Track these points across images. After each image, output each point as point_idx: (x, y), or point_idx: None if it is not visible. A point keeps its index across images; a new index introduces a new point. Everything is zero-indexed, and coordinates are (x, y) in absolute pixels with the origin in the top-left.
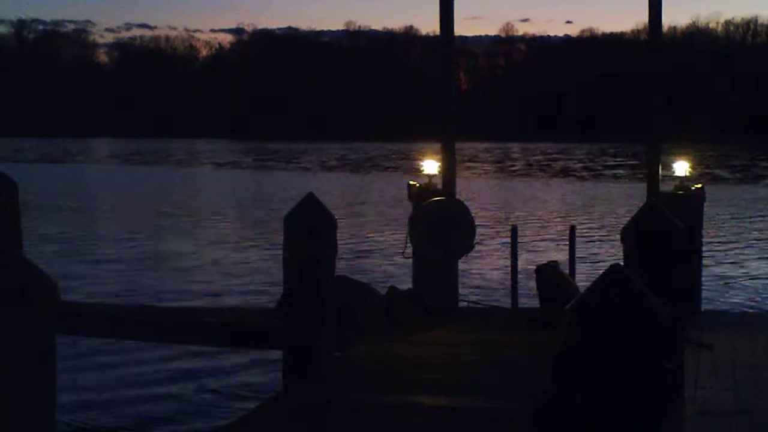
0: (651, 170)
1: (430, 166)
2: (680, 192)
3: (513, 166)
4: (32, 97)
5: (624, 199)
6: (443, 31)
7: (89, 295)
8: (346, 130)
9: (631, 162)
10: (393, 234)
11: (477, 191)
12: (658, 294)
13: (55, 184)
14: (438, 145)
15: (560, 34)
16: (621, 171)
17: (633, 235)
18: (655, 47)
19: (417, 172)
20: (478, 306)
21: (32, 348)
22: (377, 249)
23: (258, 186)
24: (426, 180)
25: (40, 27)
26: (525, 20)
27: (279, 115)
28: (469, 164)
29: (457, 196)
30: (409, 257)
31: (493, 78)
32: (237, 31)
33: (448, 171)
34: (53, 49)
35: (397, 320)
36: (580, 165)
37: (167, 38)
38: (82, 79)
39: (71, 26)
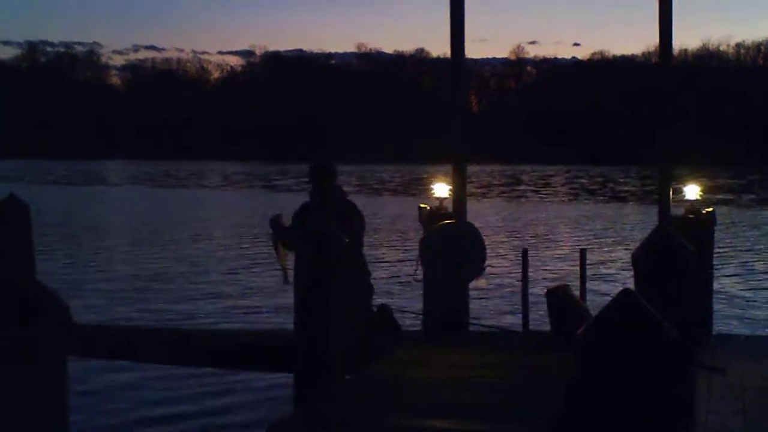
0: (662, 193)
1: (441, 189)
2: (691, 215)
3: (522, 187)
4: (44, 118)
5: (634, 221)
6: (454, 53)
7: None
8: (356, 152)
9: (642, 184)
10: (403, 256)
11: (487, 213)
12: (669, 317)
13: (71, 205)
14: (448, 167)
15: (568, 56)
16: (631, 193)
17: (644, 258)
18: (665, 70)
19: (428, 194)
20: (490, 329)
21: (45, 371)
22: (387, 270)
23: (270, 207)
24: (437, 203)
25: (49, 48)
26: (533, 42)
27: (288, 137)
28: (479, 186)
29: (468, 219)
30: (419, 280)
31: (502, 100)
32: (245, 53)
33: (459, 194)
34: (65, 70)
35: (378, 348)
36: (591, 186)
37: (179, 60)
38: (94, 101)
39: (79, 48)
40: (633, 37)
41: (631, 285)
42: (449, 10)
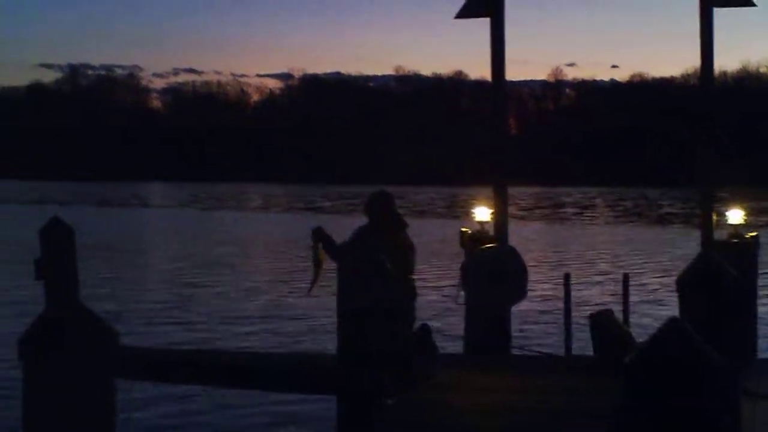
0: (705, 218)
1: (482, 212)
2: (734, 240)
3: (564, 210)
4: (85, 141)
5: (677, 244)
6: (495, 75)
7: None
8: (394, 174)
9: (683, 206)
10: (445, 279)
11: (529, 236)
12: (714, 344)
13: (120, 227)
14: (488, 190)
15: (606, 78)
16: (674, 215)
17: (689, 284)
18: (707, 92)
19: (468, 217)
20: (531, 353)
21: (93, 394)
22: (429, 293)
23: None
24: (478, 226)
25: (90, 72)
26: (571, 64)
27: (326, 159)
28: (520, 208)
29: (509, 242)
30: (461, 303)
31: (541, 122)
32: (284, 76)
33: (501, 217)
34: (106, 93)
35: (416, 375)
36: (633, 209)
37: (218, 83)
38: (135, 124)
39: (120, 71)
40: (671, 58)
41: (675, 310)
42: (490, 36)
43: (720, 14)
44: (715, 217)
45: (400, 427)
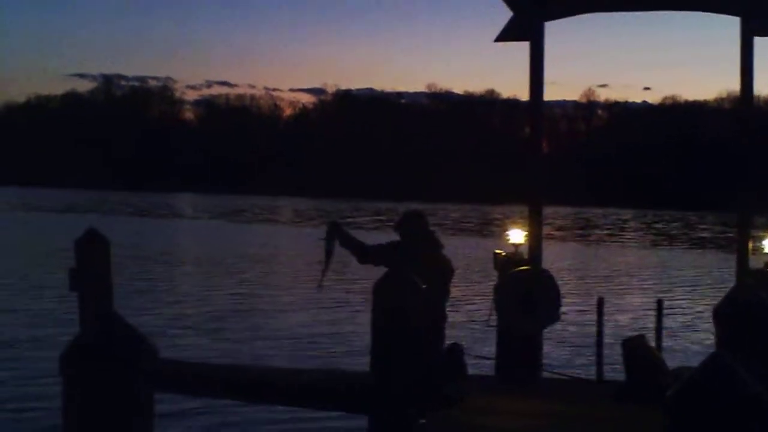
0: (741, 246)
1: (516, 235)
2: None
3: (598, 231)
4: (120, 150)
5: (712, 270)
6: (533, 98)
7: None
8: (426, 191)
9: (717, 230)
10: (477, 299)
11: (562, 258)
12: (754, 375)
13: (155, 239)
14: (520, 208)
15: (638, 100)
16: (708, 239)
17: (726, 314)
18: (745, 116)
19: (501, 236)
20: (563, 377)
21: (130, 409)
22: (461, 314)
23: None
24: (512, 249)
25: (123, 82)
26: (603, 86)
27: (358, 175)
28: (554, 229)
29: (543, 263)
30: (493, 326)
31: (573, 143)
32: (317, 91)
33: (535, 240)
34: (140, 104)
35: (446, 397)
36: (668, 232)
37: (252, 97)
38: (168, 135)
39: (153, 82)
40: (704, 82)
41: (708, 336)
42: (529, 60)
43: (756, 41)
44: (750, 245)
45: None
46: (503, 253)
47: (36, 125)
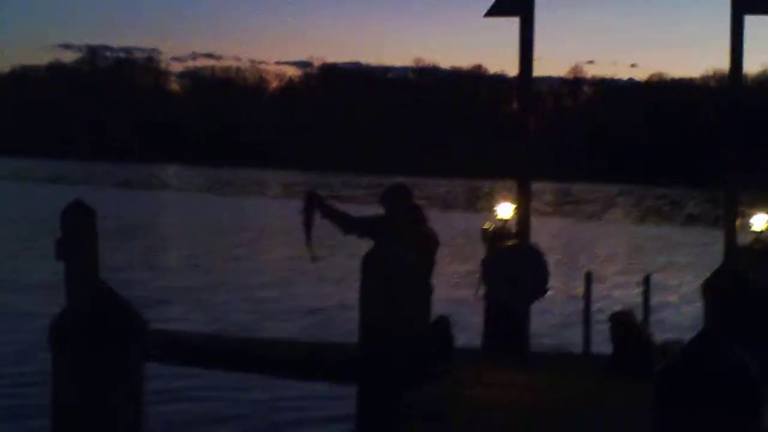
0: (729, 223)
1: (504, 209)
2: (757, 246)
3: (586, 207)
4: (105, 122)
5: (700, 245)
6: (522, 73)
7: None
8: (409, 165)
9: (705, 207)
10: (465, 274)
11: (550, 233)
12: (745, 351)
13: (145, 210)
14: (506, 184)
15: (625, 77)
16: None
17: (713, 292)
18: (734, 95)
19: (487, 210)
20: (550, 350)
21: (120, 379)
22: (448, 288)
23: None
24: (500, 223)
25: (108, 53)
26: (590, 62)
27: (344, 148)
28: (543, 204)
29: (532, 239)
30: (481, 299)
31: (559, 119)
32: (303, 64)
33: (523, 214)
34: (125, 75)
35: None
36: (655, 208)
37: (237, 69)
38: (153, 106)
39: (139, 54)
40: (690, 59)
41: (696, 312)
42: (519, 35)
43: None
44: (738, 222)
45: (419, 420)
46: (492, 227)
47: (21, 95)
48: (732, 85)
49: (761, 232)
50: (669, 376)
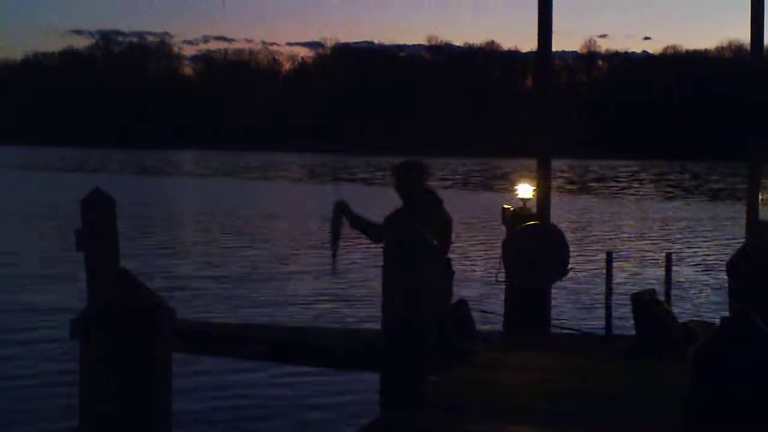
0: (751, 196)
1: (525, 189)
2: None
3: (599, 183)
4: (118, 108)
5: (723, 221)
6: (541, 48)
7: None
8: (424, 144)
9: (729, 183)
10: (485, 256)
11: (571, 211)
12: None
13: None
14: (524, 162)
15: (638, 50)
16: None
17: (739, 267)
18: (755, 65)
19: (504, 190)
20: (572, 332)
21: (150, 369)
22: (469, 269)
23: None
24: (520, 203)
25: (120, 38)
26: (603, 36)
27: (357, 128)
28: (566, 182)
29: (552, 218)
30: (501, 281)
31: (573, 93)
32: (314, 45)
33: (543, 194)
34: (139, 60)
35: (458, 353)
36: (678, 185)
37: (251, 52)
38: (168, 91)
39: (151, 38)
40: (705, 31)
41: (721, 292)
42: (537, 9)
43: None
44: (761, 196)
45: (441, 405)
46: (511, 208)
47: (35, 83)
48: (754, 55)
49: None
50: (704, 358)
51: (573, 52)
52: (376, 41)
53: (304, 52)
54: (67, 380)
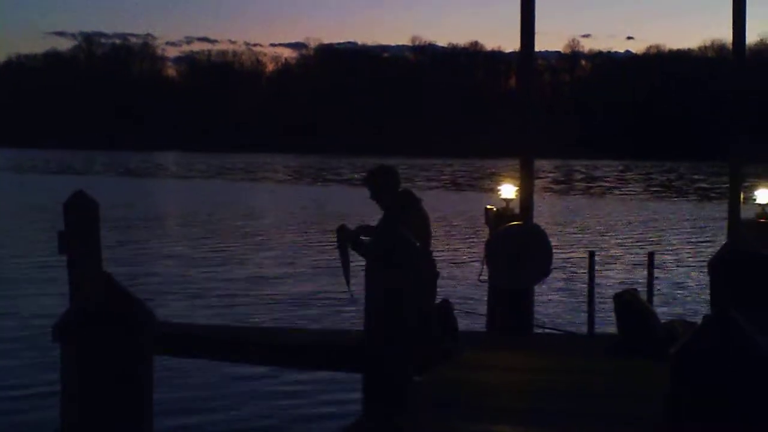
0: (732, 196)
1: (508, 190)
2: (762, 219)
3: (583, 183)
4: (102, 110)
5: (703, 220)
6: (523, 45)
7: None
8: (408, 145)
9: (713, 182)
10: (468, 255)
11: (553, 211)
12: (757, 328)
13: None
14: (505, 162)
15: (622, 50)
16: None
17: (720, 269)
18: (738, 65)
19: (485, 190)
20: (554, 331)
21: (131, 372)
22: (452, 270)
23: (325, 203)
24: (503, 204)
25: (103, 40)
26: (586, 36)
27: (341, 129)
28: (552, 182)
29: (534, 218)
30: (485, 281)
31: (557, 93)
32: (298, 46)
33: (526, 194)
34: (122, 62)
35: (444, 352)
36: (663, 185)
37: (234, 53)
38: (151, 92)
39: (133, 40)
40: (687, 31)
41: (700, 291)
42: (519, 9)
43: None
44: (742, 195)
45: (425, 405)
46: (495, 208)
47: (18, 85)
48: (736, 54)
49: (766, 205)
50: (684, 358)
51: (556, 52)
52: (359, 42)
53: (287, 53)
54: (50, 389)
